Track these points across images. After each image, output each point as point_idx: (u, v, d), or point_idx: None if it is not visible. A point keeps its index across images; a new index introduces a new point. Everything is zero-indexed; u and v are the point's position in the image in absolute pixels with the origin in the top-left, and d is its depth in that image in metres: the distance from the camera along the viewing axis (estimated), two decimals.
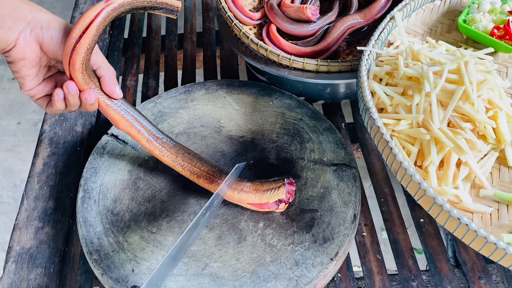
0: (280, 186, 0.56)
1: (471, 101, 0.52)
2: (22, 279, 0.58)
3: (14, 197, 1.55)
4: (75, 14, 0.95)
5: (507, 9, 0.66)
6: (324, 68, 0.67)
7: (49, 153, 0.71)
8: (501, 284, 0.57)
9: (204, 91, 0.73)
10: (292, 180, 0.57)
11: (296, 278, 0.52)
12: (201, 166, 0.58)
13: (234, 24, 0.72)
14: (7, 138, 1.71)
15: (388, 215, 0.63)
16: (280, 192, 0.56)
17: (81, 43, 0.49)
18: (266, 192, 0.56)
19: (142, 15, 0.97)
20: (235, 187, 0.57)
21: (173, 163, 0.59)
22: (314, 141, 0.65)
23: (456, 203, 0.50)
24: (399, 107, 0.55)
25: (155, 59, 0.88)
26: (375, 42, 0.62)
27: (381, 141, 0.50)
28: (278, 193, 0.56)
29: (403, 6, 0.66)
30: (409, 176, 0.46)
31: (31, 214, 0.64)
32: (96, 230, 0.58)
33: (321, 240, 0.55)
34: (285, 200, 0.57)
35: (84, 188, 0.62)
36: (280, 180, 0.57)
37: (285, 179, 0.57)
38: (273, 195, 0.56)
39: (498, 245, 0.42)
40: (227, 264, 0.54)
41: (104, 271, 0.54)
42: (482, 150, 0.52)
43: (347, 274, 0.58)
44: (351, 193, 0.59)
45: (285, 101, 0.71)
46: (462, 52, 0.59)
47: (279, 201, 0.56)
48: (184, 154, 0.59)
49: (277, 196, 0.56)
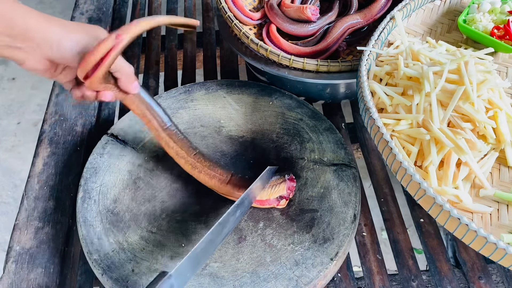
0: (281, 182, 0.58)
1: (471, 101, 0.52)
2: (22, 279, 0.58)
3: (14, 197, 1.55)
4: (75, 14, 0.95)
5: (507, 9, 0.66)
6: (324, 68, 0.67)
7: (49, 153, 0.71)
8: (501, 284, 0.57)
9: (204, 91, 0.73)
10: (292, 176, 0.59)
11: (296, 278, 0.52)
12: (203, 161, 0.59)
13: (234, 24, 0.72)
14: (7, 138, 1.71)
15: (388, 215, 0.63)
16: (281, 188, 0.57)
17: (100, 69, 0.49)
18: (267, 189, 0.57)
19: (142, 15, 0.97)
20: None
21: (176, 155, 0.59)
22: (314, 141, 0.65)
23: (456, 203, 0.50)
24: (399, 107, 0.55)
25: (155, 59, 0.88)
26: (375, 42, 0.62)
27: (381, 141, 0.50)
28: (279, 189, 0.57)
29: (403, 6, 0.66)
30: (409, 176, 0.46)
31: (31, 214, 0.64)
32: (96, 230, 0.58)
33: (321, 240, 0.55)
34: (285, 196, 0.57)
35: (84, 188, 0.62)
36: (281, 177, 0.58)
37: (285, 175, 0.58)
38: (274, 191, 0.57)
39: (498, 245, 0.42)
40: (227, 264, 0.54)
41: (104, 271, 0.54)
42: (482, 150, 0.52)
43: (347, 274, 0.58)
44: (351, 193, 0.59)
45: (285, 101, 0.71)
46: (462, 52, 0.59)
47: (280, 197, 0.57)
48: (189, 149, 0.59)
49: (278, 192, 0.57)
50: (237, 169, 0.63)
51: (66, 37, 0.50)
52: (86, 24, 0.54)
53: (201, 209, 0.60)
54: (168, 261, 0.54)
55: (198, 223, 0.58)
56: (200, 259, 0.50)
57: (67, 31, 0.50)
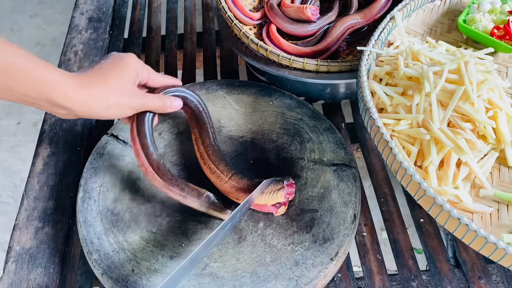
0: (280, 189, 0.56)
1: (471, 101, 0.52)
2: (22, 279, 0.58)
3: (14, 197, 1.55)
4: (75, 14, 0.95)
5: (507, 9, 0.66)
6: (324, 68, 0.67)
7: (49, 153, 0.71)
8: (501, 284, 0.57)
9: (204, 91, 0.73)
10: (291, 182, 0.57)
11: (296, 278, 0.52)
12: (211, 154, 0.60)
13: (234, 24, 0.72)
14: (7, 138, 1.71)
15: (388, 215, 0.63)
16: (279, 196, 0.55)
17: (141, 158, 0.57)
18: (264, 195, 0.56)
19: (142, 15, 0.97)
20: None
21: (194, 140, 0.63)
22: (314, 141, 0.65)
23: (456, 203, 0.50)
24: (399, 107, 0.55)
25: (155, 59, 0.88)
26: (375, 42, 0.62)
27: (381, 141, 0.50)
28: (276, 197, 0.55)
29: (403, 6, 0.66)
30: (409, 176, 0.46)
31: (31, 214, 0.64)
32: (96, 230, 0.58)
33: (321, 240, 0.55)
34: (285, 201, 0.56)
35: (84, 188, 0.62)
36: (280, 183, 0.56)
37: (284, 181, 0.56)
38: (272, 198, 0.56)
39: (498, 245, 0.42)
40: (227, 264, 0.54)
41: (104, 271, 0.54)
42: (482, 150, 0.52)
43: (347, 274, 0.58)
44: (351, 193, 0.59)
45: (285, 101, 0.71)
46: (462, 52, 0.59)
47: (278, 203, 0.56)
48: (206, 139, 0.62)
49: (276, 200, 0.56)
50: (237, 169, 0.63)
51: (106, 112, 0.52)
52: (124, 80, 0.54)
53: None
54: (168, 261, 0.54)
55: (198, 223, 0.58)
56: (186, 271, 0.51)
57: (105, 105, 0.52)
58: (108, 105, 0.52)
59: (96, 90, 0.51)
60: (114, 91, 0.52)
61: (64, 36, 1.00)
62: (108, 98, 0.52)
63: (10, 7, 2.23)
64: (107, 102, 0.52)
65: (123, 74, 0.54)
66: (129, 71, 0.54)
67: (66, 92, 0.49)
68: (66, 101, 0.49)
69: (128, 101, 0.54)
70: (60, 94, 0.48)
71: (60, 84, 0.48)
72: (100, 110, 0.52)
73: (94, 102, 0.51)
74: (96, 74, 0.52)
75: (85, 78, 0.51)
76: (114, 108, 0.53)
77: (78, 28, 0.92)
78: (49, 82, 0.48)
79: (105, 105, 0.52)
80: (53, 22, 2.13)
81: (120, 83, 0.53)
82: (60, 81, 0.48)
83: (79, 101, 0.50)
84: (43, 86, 0.47)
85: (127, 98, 0.54)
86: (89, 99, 0.50)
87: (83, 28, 0.92)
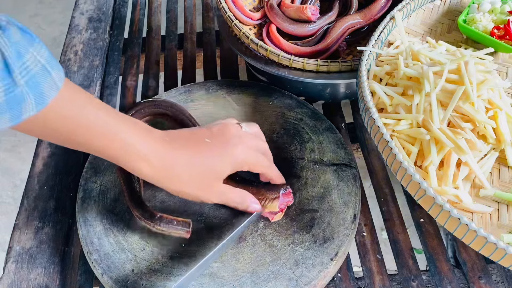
0: (275, 198, 0.55)
1: (471, 101, 0.52)
2: (22, 279, 0.58)
3: (14, 197, 1.55)
4: (75, 14, 0.95)
5: (507, 9, 0.66)
6: (324, 68, 0.67)
7: (49, 153, 0.71)
8: (501, 284, 0.57)
9: (204, 91, 0.73)
10: (289, 191, 0.56)
11: (296, 278, 0.52)
12: None
13: (234, 24, 0.72)
14: (7, 138, 1.71)
15: (388, 215, 0.63)
16: (274, 206, 0.55)
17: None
18: (259, 200, 0.56)
19: (142, 15, 0.97)
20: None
21: None
22: (314, 141, 0.65)
23: (456, 203, 0.50)
24: (399, 107, 0.55)
25: (155, 59, 0.88)
26: (375, 42, 0.62)
27: (381, 141, 0.50)
28: (271, 206, 0.55)
29: (403, 6, 0.66)
30: (409, 176, 0.46)
31: (31, 214, 0.64)
32: (96, 230, 0.58)
33: (321, 240, 0.55)
34: (282, 208, 0.56)
35: (84, 188, 0.62)
36: (276, 192, 0.56)
37: (281, 191, 0.55)
38: (266, 206, 0.55)
39: (498, 245, 0.42)
40: (227, 264, 0.54)
41: (104, 271, 0.54)
42: (482, 150, 0.52)
43: (347, 274, 0.58)
44: (351, 193, 0.59)
45: (285, 101, 0.71)
46: (462, 52, 0.59)
47: (273, 212, 0.56)
48: None
49: (270, 209, 0.55)
50: None
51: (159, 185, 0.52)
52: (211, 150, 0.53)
53: (201, 209, 0.60)
54: (168, 261, 0.54)
55: (198, 223, 0.58)
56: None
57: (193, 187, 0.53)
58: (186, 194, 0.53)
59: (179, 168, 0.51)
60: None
61: (64, 36, 1.00)
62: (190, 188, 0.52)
63: (10, 7, 2.23)
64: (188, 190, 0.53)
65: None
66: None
67: (148, 174, 0.50)
68: (146, 176, 0.50)
69: (207, 197, 0.54)
70: (143, 168, 0.49)
71: (145, 160, 0.48)
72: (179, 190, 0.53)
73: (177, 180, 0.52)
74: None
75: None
76: (188, 196, 0.54)
77: (78, 28, 0.92)
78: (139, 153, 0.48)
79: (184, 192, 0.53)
80: (53, 22, 2.14)
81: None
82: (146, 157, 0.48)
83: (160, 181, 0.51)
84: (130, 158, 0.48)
85: (207, 194, 0.54)
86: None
87: (83, 28, 0.92)
